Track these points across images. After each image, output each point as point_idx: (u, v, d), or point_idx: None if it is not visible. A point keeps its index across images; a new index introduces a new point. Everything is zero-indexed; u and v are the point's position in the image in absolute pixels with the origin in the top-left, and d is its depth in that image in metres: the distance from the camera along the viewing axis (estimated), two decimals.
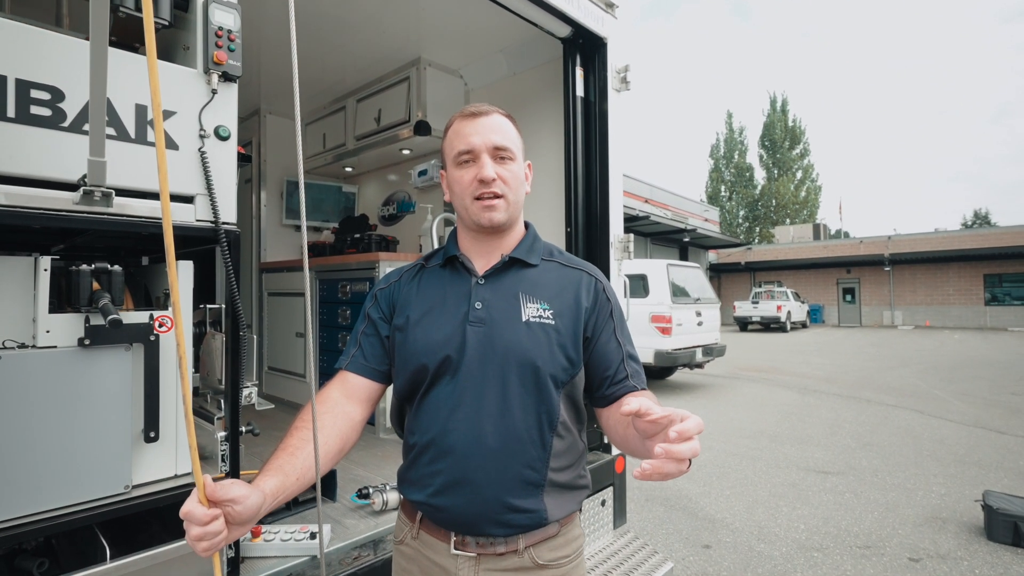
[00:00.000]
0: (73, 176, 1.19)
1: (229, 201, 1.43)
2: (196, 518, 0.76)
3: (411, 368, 1.07)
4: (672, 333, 8.26)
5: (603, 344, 1.11)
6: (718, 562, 3.22)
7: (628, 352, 1.13)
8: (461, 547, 1.03)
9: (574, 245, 2.61)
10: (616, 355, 1.11)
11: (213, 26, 1.40)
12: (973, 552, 3.31)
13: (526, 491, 1.01)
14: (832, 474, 4.78)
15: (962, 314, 24.75)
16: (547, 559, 1.04)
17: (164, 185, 0.69)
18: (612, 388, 1.09)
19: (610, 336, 1.12)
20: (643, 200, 22.04)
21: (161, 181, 0.69)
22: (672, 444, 0.73)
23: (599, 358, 1.10)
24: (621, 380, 1.09)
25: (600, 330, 1.11)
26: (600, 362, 1.10)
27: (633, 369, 1.11)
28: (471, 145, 1.07)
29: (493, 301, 1.07)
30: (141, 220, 1.28)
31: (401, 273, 1.21)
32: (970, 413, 7.12)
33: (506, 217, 1.09)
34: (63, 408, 1.21)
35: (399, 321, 1.12)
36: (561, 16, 2.36)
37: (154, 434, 1.34)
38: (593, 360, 1.10)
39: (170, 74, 1.34)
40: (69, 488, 1.22)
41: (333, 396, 1.10)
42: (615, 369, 1.10)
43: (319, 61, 3.42)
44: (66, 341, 1.23)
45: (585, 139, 2.63)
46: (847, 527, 3.68)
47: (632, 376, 1.10)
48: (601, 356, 1.10)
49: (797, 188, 42.00)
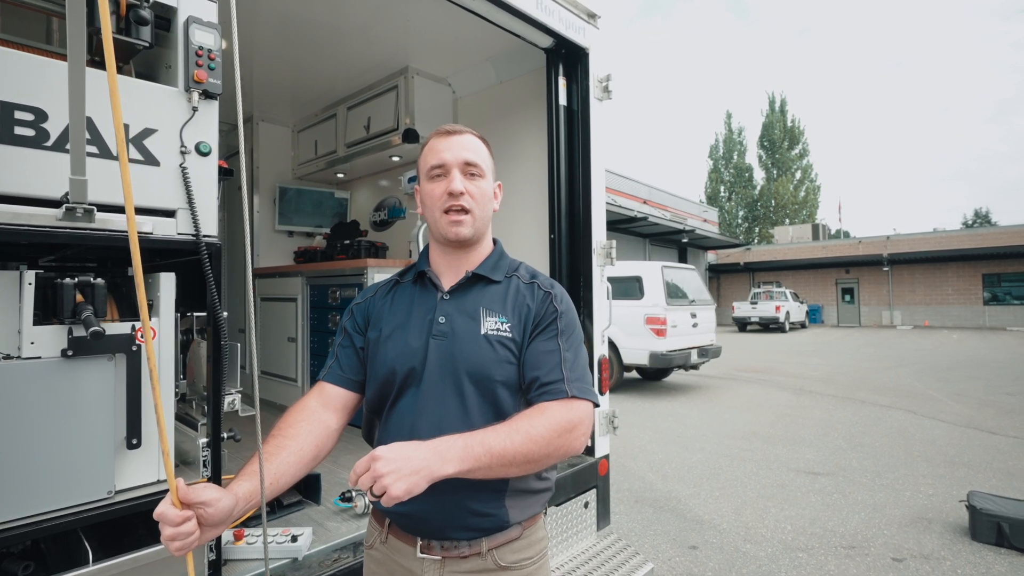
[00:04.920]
0: (57, 193, 1.25)
1: (210, 215, 1.48)
2: (169, 519, 0.81)
3: (380, 379, 1.12)
4: (667, 335, 8.31)
5: (537, 347, 1.10)
6: (703, 563, 3.26)
7: (566, 358, 1.09)
8: (427, 551, 1.07)
9: (557, 252, 2.65)
10: (551, 359, 1.08)
11: (194, 46, 1.45)
12: (956, 552, 3.35)
13: (487, 496, 1.06)
14: (822, 475, 4.82)
15: (961, 314, 24.77)
16: (510, 561, 1.09)
17: (128, 197, 0.74)
18: (539, 390, 1.06)
19: (548, 340, 1.10)
20: (642, 201, 22.10)
21: (126, 193, 0.74)
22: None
23: (531, 360, 1.09)
24: (550, 383, 1.06)
25: (538, 333, 1.11)
26: (531, 364, 1.08)
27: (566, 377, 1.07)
28: (443, 160, 1.13)
29: (455, 316, 1.12)
30: (123, 234, 1.33)
31: (377, 288, 1.27)
32: (963, 413, 7.16)
33: (472, 232, 1.14)
34: (47, 417, 1.25)
35: (372, 334, 1.18)
36: (542, 28, 2.41)
37: (136, 441, 1.38)
38: (526, 362, 1.09)
39: (152, 93, 1.39)
40: (54, 493, 1.26)
41: (310, 405, 1.14)
42: (547, 372, 1.07)
43: (311, 69, 3.47)
44: (50, 352, 1.27)
45: (568, 147, 2.68)
46: (833, 528, 3.72)
47: (566, 382, 1.06)
48: (533, 358, 1.09)
49: (796, 188, 42.09)
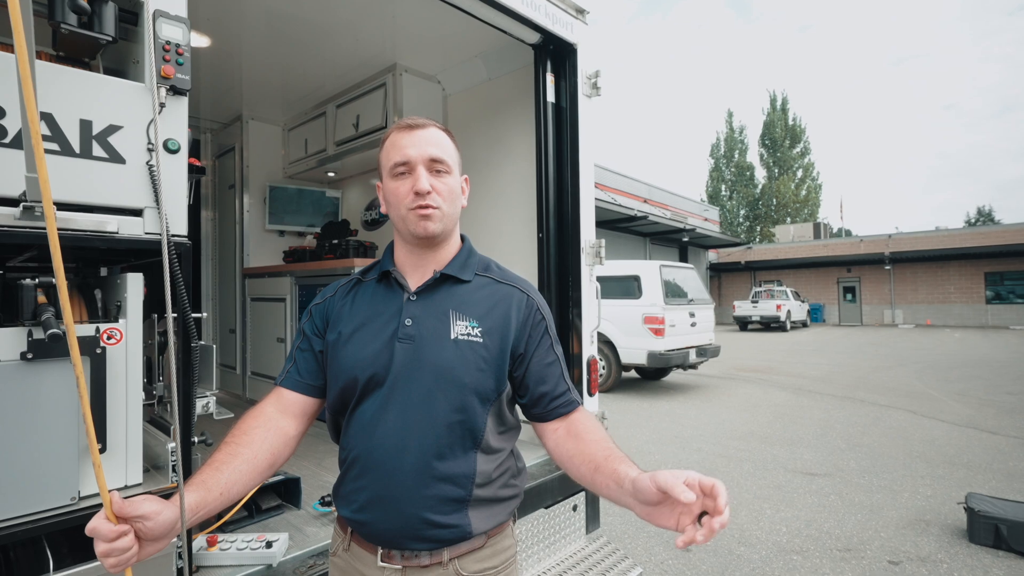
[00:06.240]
0: (15, 192, 1.21)
1: (180, 213, 1.45)
2: (102, 535, 0.77)
3: (340, 384, 1.08)
4: (665, 334, 8.26)
5: (539, 360, 1.12)
6: (696, 566, 3.22)
7: (564, 367, 1.16)
8: (387, 560, 1.04)
9: (546, 251, 2.61)
10: (553, 370, 1.13)
11: (161, 40, 1.41)
12: (954, 555, 3.30)
13: (448, 507, 1.02)
14: (819, 476, 4.77)
15: (963, 312, 24.67)
16: (472, 570, 1.05)
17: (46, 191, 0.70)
18: (552, 404, 1.12)
19: (546, 351, 1.13)
20: (642, 200, 22.03)
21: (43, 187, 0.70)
22: (713, 527, 0.78)
23: (536, 375, 1.11)
24: (561, 395, 1.12)
25: (535, 346, 1.12)
26: (537, 379, 1.11)
27: (570, 385, 1.15)
28: (407, 157, 1.07)
29: (423, 318, 1.08)
30: (85, 234, 1.30)
31: (336, 288, 1.21)
32: (964, 413, 7.10)
33: (441, 228, 1.10)
34: (7, 421, 1.22)
35: (332, 337, 1.12)
36: (529, 23, 2.36)
37: (102, 446, 1.35)
38: (530, 376, 1.11)
39: (117, 88, 1.36)
40: (15, 500, 1.23)
41: (267, 411, 1.11)
42: (553, 384, 1.12)
43: (299, 67, 3.43)
44: (9, 355, 1.24)
45: (557, 145, 2.64)
46: (829, 529, 3.68)
47: (572, 390, 1.14)
48: (537, 373, 1.11)
49: (798, 187, 41.96)
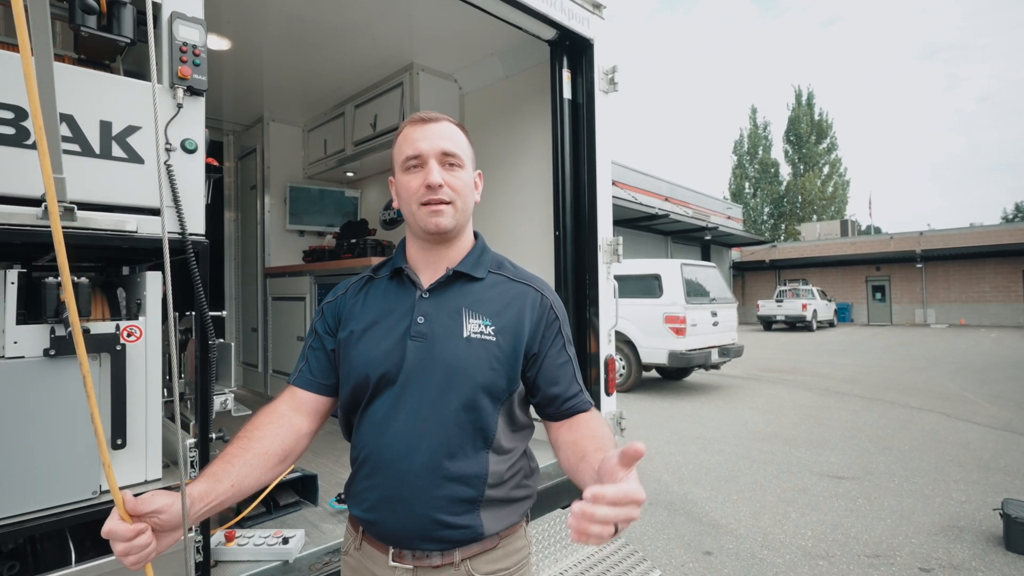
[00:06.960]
0: (37, 192, 1.24)
1: (197, 213, 1.46)
2: (119, 535, 0.78)
3: (352, 382, 1.07)
4: (686, 334, 8.15)
5: (552, 360, 1.11)
6: (718, 569, 3.15)
7: (576, 367, 1.15)
8: (398, 559, 1.03)
9: (562, 249, 2.59)
10: (566, 371, 1.12)
11: (178, 41, 1.43)
12: (989, 563, 3.17)
13: (460, 507, 1.01)
14: (846, 479, 4.64)
15: (1000, 312, 23.78)
16: (485, 571, 1.04)
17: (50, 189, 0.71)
18: (565, 405, 1.10)
19: (559, 352, 1.12)
20: (663, 198, 21.77)
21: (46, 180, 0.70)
22: (587, 506, 0.65)
23: (548, 375, 1.10)
24: (573, 396, 1.11)
25: (548, 346, 1.11)
26: (549, 379, 1.10)
27: (582, 386, 1.14)
28: (419, 150, 1.06)
29: (435, 316, 1.06)
30: (106, 233, 1.32)
31: (348, 286, 1.21)
32: (1000, 416, 6.84)
33: (453, 223, 1.08)
34: (31, 416, 1.25)
35: (343, 334, 1.12)
36: (544, 19, 2.34)
37: (121, 441, 1.37)
38: (543, 377, 1.10)
39: (134, 89, 1.38)
40: (38, 494, 1.26)
41: (280, 409, 1.11)
42: (566, 385, 1.11)
43: (318, 69, 3.46)
44: (33, 352, 1.27)
45: (573, 142, 2.61)
46: (857, 535, 3.57)
47: (584, 392, 1.14)
48: (550, 373, 1.10)
49: (824, 183, 41.01)
